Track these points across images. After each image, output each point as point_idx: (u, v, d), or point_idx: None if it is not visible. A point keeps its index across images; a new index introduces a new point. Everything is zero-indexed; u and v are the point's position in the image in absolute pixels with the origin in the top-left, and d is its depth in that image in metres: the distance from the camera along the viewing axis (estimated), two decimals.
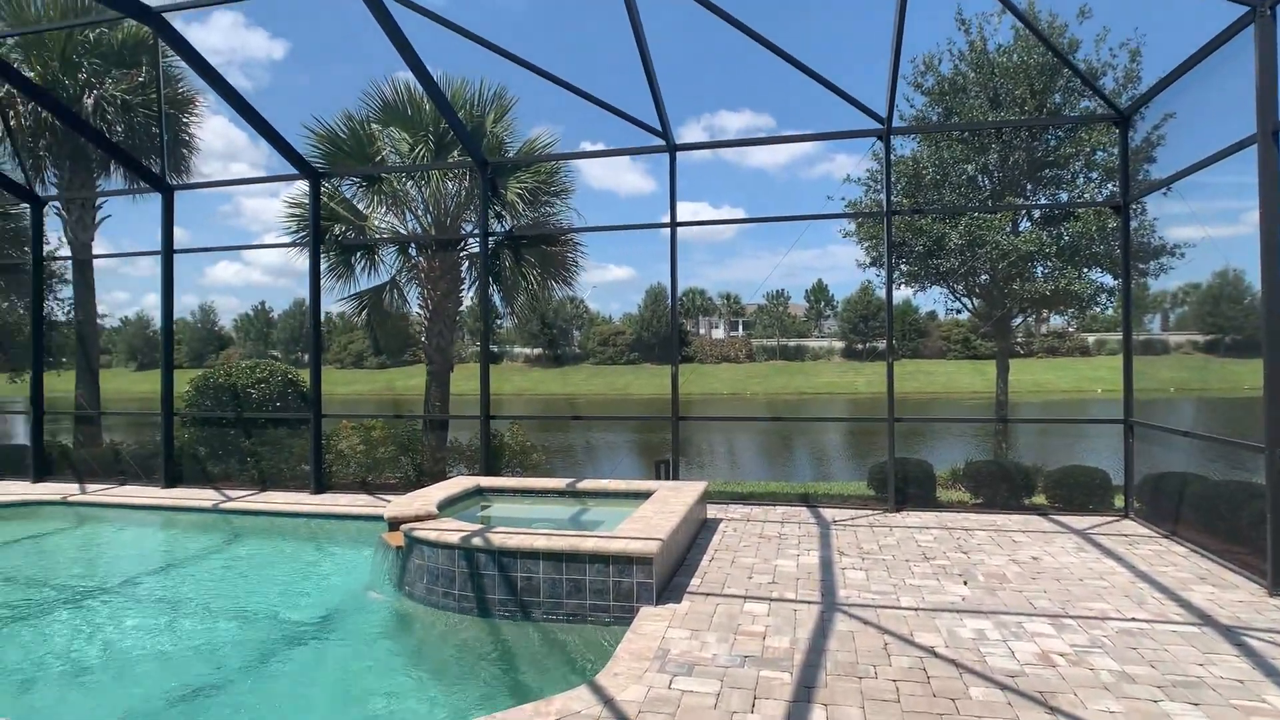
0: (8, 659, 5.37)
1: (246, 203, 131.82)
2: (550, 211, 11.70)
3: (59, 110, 10.12)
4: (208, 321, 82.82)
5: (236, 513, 8.94)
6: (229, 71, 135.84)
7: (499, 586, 5.59)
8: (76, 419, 13.03)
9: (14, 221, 12.69)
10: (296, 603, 6.51)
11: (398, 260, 12.03)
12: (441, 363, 11.96)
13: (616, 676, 4.05)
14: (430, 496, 7.24)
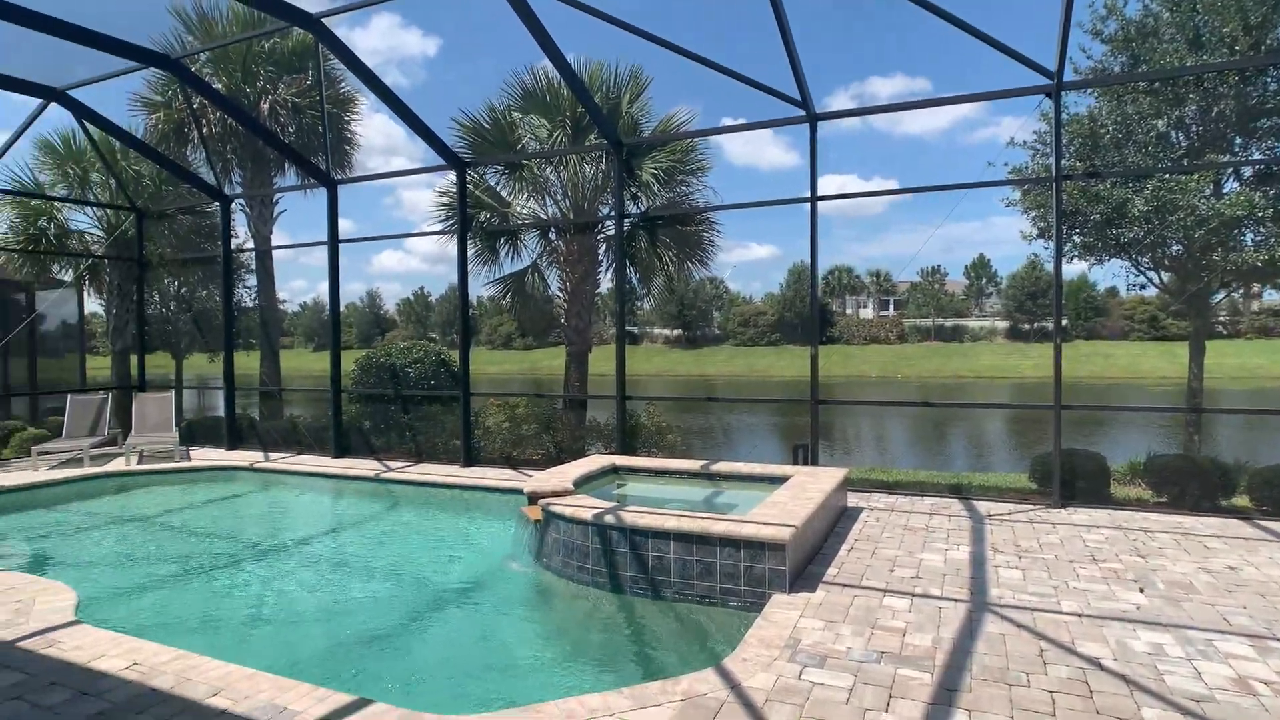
0: (205, 603, 6.01)
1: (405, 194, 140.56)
2: (686, 191, 11.61)
3: (241, 116, 11.14)
4: (374, 306, 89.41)
5: (395, 482, 9.55)
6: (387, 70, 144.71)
7: (631, 564, 5.63)
8: (261, 394, 14.42)
9: (208, 219, 14.13)
10: (446, 567, 6.88)
11: (538, 244, 12.38)
12: (580, 344, 12.21)
13: (745, 662, 3.96)
14: (567, 473, 7.41)
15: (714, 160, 11.36)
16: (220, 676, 3.87)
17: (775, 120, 8.57)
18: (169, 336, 15.18)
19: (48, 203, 13.47)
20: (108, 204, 13.73)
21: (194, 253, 14.19)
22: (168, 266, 14.16)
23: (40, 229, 13.59)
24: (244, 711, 3.50)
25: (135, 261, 13.20)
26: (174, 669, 3.95)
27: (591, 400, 12.04)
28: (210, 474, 10.52)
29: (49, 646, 4.28)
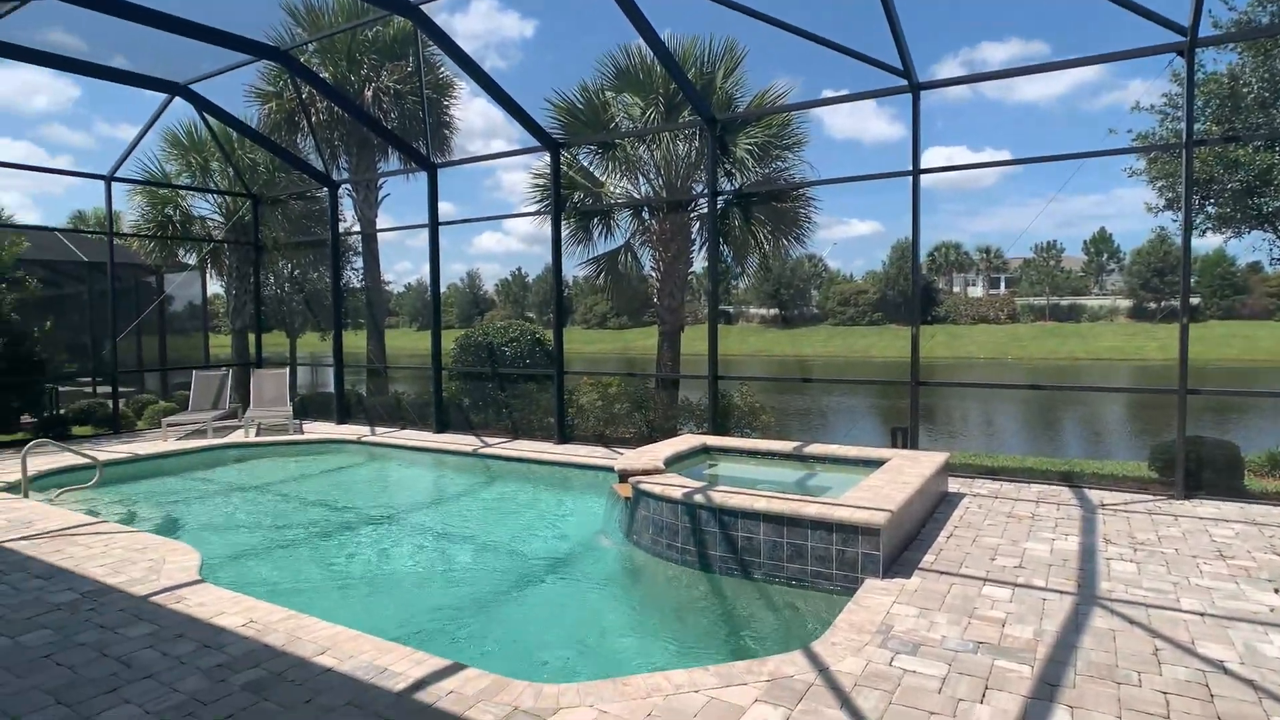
0: (315, 567, 6.38)
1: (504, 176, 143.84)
2: (781, 167, 11.35)
3: (346, 104, 11.62)
4: (473, 286, 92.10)
5: (492, 457, 9.84)
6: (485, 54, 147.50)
7: (720, 544, 5.60)
8: (368, 371, 15.11)
9: (317, 203, 14.86)
10: (539, 540, 7.05)
11: (631, 224, 12.39)
12: (672, 323, 12.20)
13: (834, 646, 3.88)
14: (658, 452, 7.43)
15: (813, 134, 11.05)
16: (328, 637, 4.09)
17: (875, 91, 8.24)
18: (284, 316, 16.12)
19: (173, 191, 14.47)
20: (226, 191, 14.63)
21: (305, 236, 14.95)
22: (281, 250, 15.00)
23: (167, 216, 14.63)
24: (348, 670, 3.69)
25: (252, 245, 14.04)
26: (285, 628, 4.21)
27: (684, 380, 12.03)
28: (321, 446, 11.12)
29: (177, 602, 4.63)
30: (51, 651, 3.95)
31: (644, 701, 3.33)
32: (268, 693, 3.47)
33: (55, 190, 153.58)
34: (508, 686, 3.51)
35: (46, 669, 3.75)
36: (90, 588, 4.90)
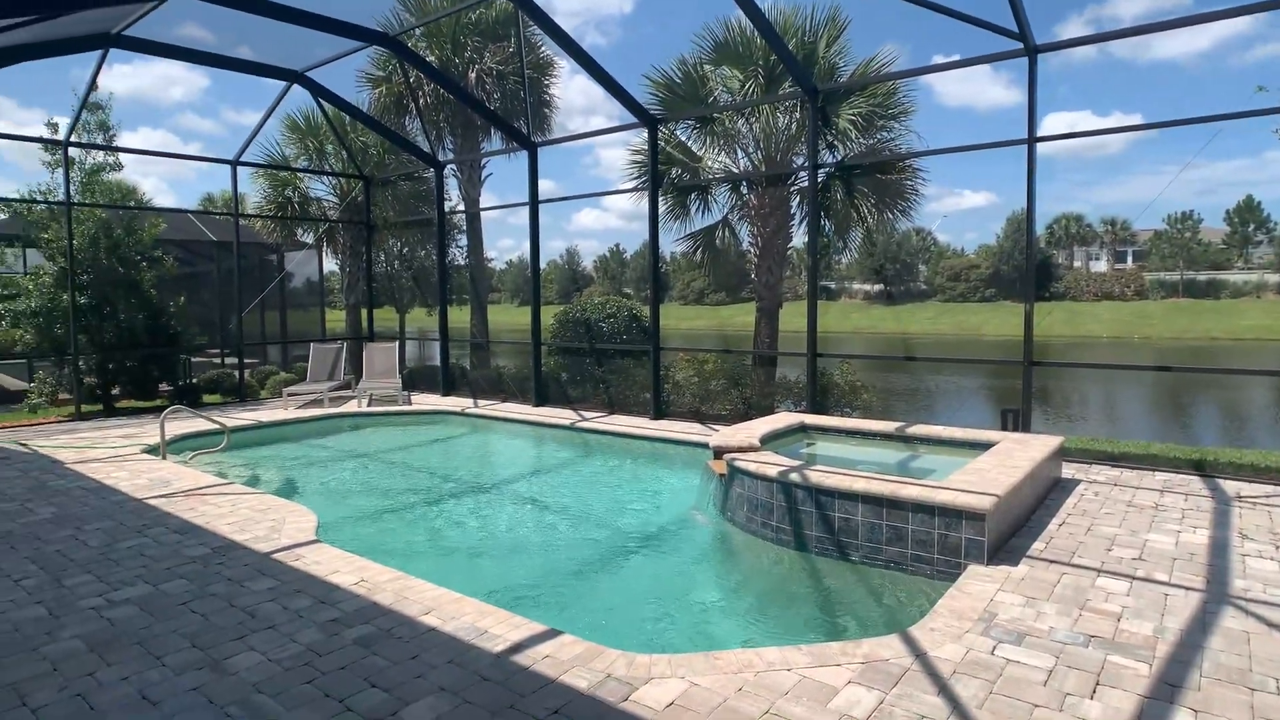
0: (420, 531, 6.69)
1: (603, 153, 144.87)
2: (886, 138, 10.91)
3: (451, 86, 11.93)
4: (572, 263, 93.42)
5: (589, 431, 10.01)
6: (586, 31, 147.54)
7: (816, 524, 5.51)
8: (472, 346, 15.63)
9: (424, 183, 15.36)
10: (633, 514, 7.14)
11: (729, 198, 12.24)
12: (770, 299, 12.01)
13: (933, 632, 3.76)
14: (754, 429, 7.36)
15: (922, 102, 10.54)
16: (432, 598, 4.28)
17: (986, 56, 7.78)
18: (393, 292, 16.85)
19: (292, 174, 15.29)
20: (340, 173, 15.34)
21: (413, 215, 15.53)
22: (391, 228, 15.64)
23: (286, 197, 15.50)
24: (450, 630, 3.85)
25: (364, 224, 14.70)
26: (393, 588, 4.43)
27: (782, 357, 11.85)
28: (428, 417, 11.59)
29: (295, 560, 4.95)
30: (187, 599, 4.30)
31: (735, 676, 3.33)
32: (376, 648, 3.67)
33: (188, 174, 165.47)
34: (601, 654, 3.58)
35: (183, 615, 4.09)
36: (219, 544, 5.30)
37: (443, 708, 3.12)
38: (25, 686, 3.36)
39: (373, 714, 3.08)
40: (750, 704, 3.10)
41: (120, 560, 4.96)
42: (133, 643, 3.76)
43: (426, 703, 3.16)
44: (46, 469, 7.70)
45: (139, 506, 6.27)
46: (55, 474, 7.48)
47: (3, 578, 4.68)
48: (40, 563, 4.94)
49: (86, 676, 3.43)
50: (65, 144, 10.81)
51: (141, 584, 4.54)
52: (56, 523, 5.82)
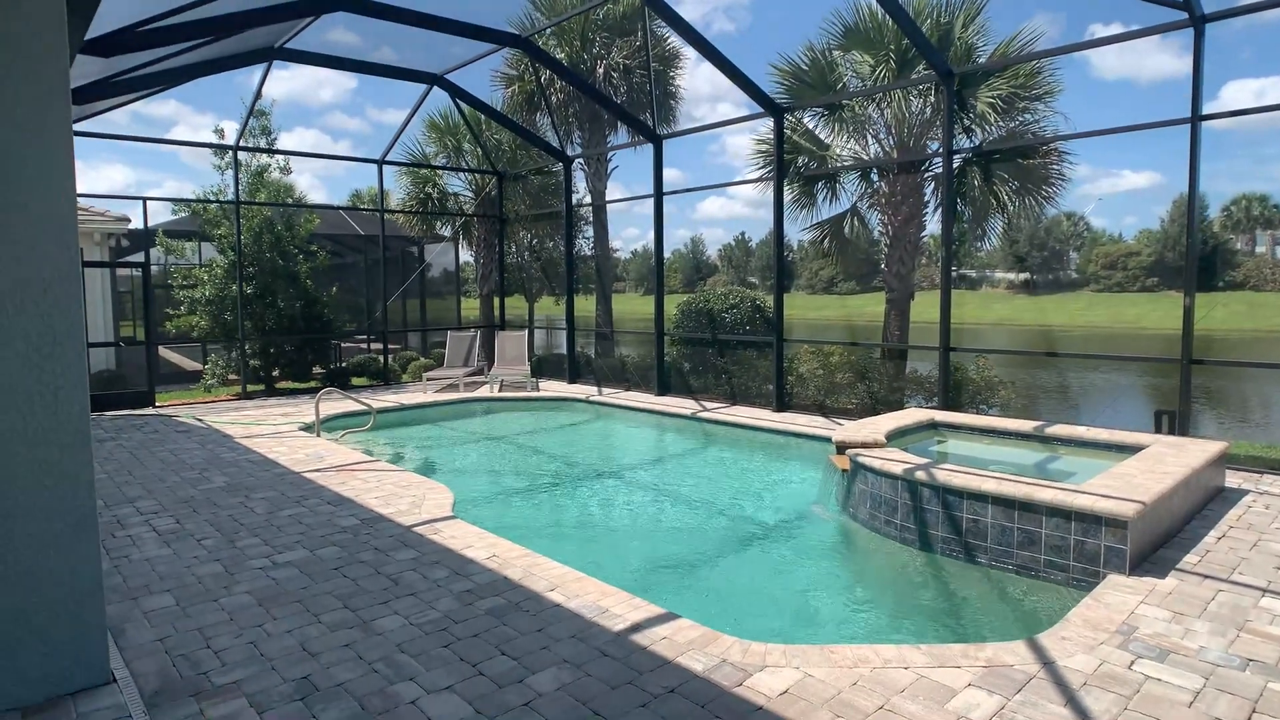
0: (546, 512, 7.00)
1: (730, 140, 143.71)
2: (1029, 120, 10.27)
3: (578, 83, 12.25)
4: (697, 252, 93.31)
5: (710, 422, 10.08)
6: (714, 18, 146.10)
7: (942, 523, 5.35)
8: (596, 335, 16.03)
9: (554, 177, 15.84)
10: (753, 505, 7.16)
11: (859, 186, 11.91)
12: (901, 290, 11.62)
13: (1063, 640, 3.60)
14: (879, 425, 7.20)
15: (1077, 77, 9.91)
16: (557, 576, 4.50)
17: (1142, 30, 7.18)
18: (524, 282, 17.52)
19: (431, 171, 16.16)
20: (475, 169, 16.07)
21: (542, 208, 16.06)
22: (522, 221, 16.26)
23: (427, 194, 16.40)
24: (574, 607, 4.04)
25: (496, 218, 15.35)
26: (521, 564, 4.68)
27: (913, 351, 11.45)
28: (554, 403, 12.02)
29: (434, 534, 5.31)
30: (339, 565, 4.72)
31: (850, 671, 3.32)
32: (505, 619, 3.91)
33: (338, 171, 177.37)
34: (717, 640, 3.66)
35: (335, 578, 4.50)
36: (367, 515, 5.76)
37: (565, 679, 3.30)
38: (209, 631, 3.82)
39: (501, 679, 3.30)
40: (864, 698, 3.09)
41: (282, 526, 5.50)
42: (294, 600, 4.18)
43: (550, 673, 3.35)
44: (219, 442, 8.59)
45: (297, 479, 6.89)
46: (226, 447, 8.33)
47: (188, 537, 5.29)
48: (217, 525, 5.55)
49: (257, 627, 3.85)
50: (234, 148, 11.94)
51: (300, 549, 5.02)
52: (228, 490, 6.50)
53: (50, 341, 3.14)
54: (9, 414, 3.06)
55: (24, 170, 3.06)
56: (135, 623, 3.93)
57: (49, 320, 3.13)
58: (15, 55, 3.01)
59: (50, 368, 3.15)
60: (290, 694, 3.21)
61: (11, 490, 3.08)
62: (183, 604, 4.15)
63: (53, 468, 3.16)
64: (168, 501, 6.19)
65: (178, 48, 7.47)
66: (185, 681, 3.33)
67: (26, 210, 3.07)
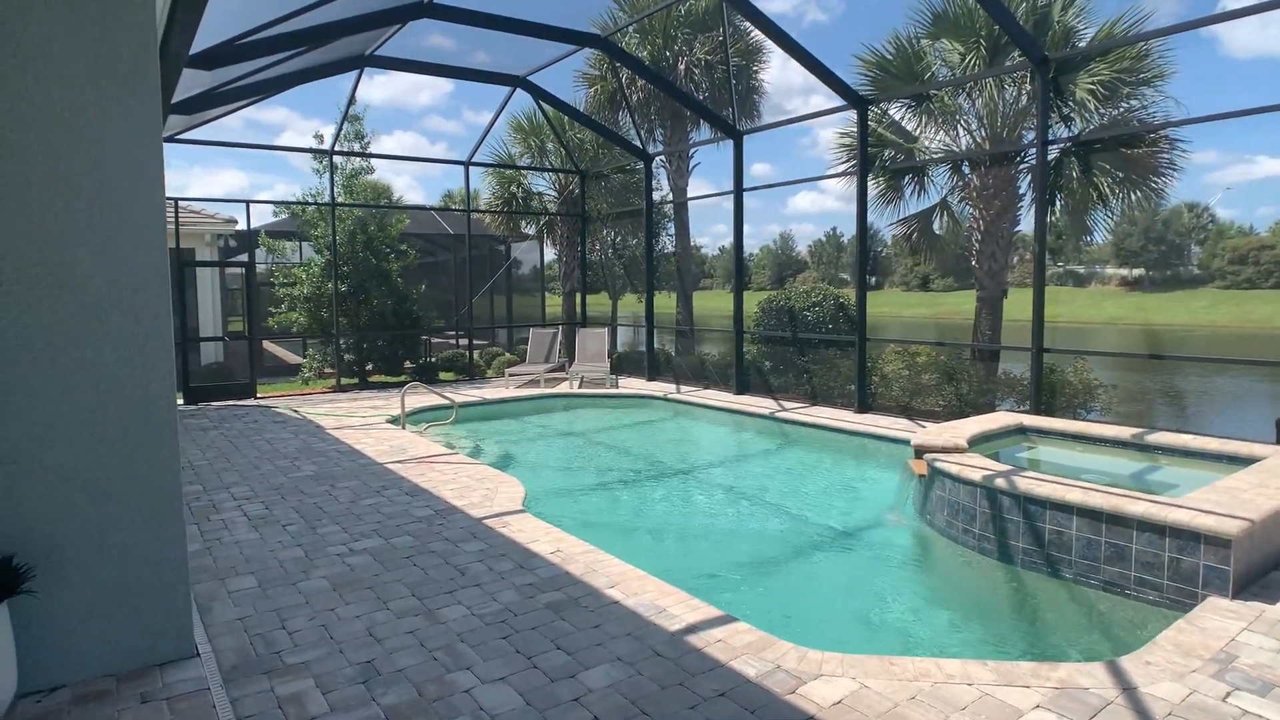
0: (615, 508, 7.04)
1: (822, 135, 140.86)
2: (1135, 106, 9.61)
3: (657, 80, 12.27)
4: (786, 248, 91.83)
5: (788, 422, 9.91)
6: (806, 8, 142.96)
7: (1023, 534, 5.09)
8: (676, 332, 16.02)
9: (635, 176, 15.92)
10: (827, 509, 6.99)
11: (949, 180, 11.45)
12: (993, 287, 11.10)
13: (1148, 665, 3.36)
14: (962, 429, 6.91)
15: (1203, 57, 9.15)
16: (618, 573, 4.52)
17: (1256, 6, 6.60)
18: (607, 279, 17.69)
19: (515, 171, 16.50)
20: (558, 169, 16.32)
21: (624, 206, 16.15)
22: (603, 219, 16.41)
23: (511, 193, 16.77)
24: (631, 605, 4.05)
25: (578, 216, 15.54)
26: (584, 560, 4.72)
27: (1005, 351, 10.93)
28: (632, 401, 12.07)
29: (503, 527, 5.42)
30: (411, 554, 4.88)
31: (909, 684, 3.20)
32: (564, 613, 3.95)
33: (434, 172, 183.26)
34: (773, 645, 3.59)
35: (406, 567, 4.65)
36: (442, 506, 5.93)
37: (617, 676, 3.30)
38: (285, 612, 4.01)
39: (554, 673, 3.33)
40: (921, 714, 2.97)
41: (362, 515, 5.73)
42: (365, 587, 4.35)
43: (603, 670, 3.36)
44: (312, 433, 9.03)
45: (380, 470, 7.17)
46: (318, 437, 8.74)
47: (274, 523, 5.58)
48: (302, 512, 5.83)
49: (329, 611, 4.03)
50: (330, 152, 12.51)
51: (376, 537, 5.22)
52: (316, 479, 6.83)
53: (141, 338, 3.36)
54: (106, 403, 3.30)
55: (118, 181, 3.28)
56: (221, 601, 4.17)
57: (140, 318, 3.35)
58: (109, 76, 3.23)
59: (141, 362, 3.37)
60: (354, 677, 3.34)
61: (106, 473, 3.31)
62: (264, 586, 4.38)
63: (143, 454, 3.39)
64: (260, 488, 6.54)
65: (274, 59, 7.89)
66: (260, 659, 3.51)
67: (120, 216, 3.30)
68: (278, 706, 3.11)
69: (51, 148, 3.14)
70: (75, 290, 3.21)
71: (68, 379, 3.22)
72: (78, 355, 3.23)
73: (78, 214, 3.20)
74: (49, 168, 3.14)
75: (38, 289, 3.14)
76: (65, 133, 3.16)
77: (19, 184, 3.09)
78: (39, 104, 3.11)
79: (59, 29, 3.12)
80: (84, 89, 3.18)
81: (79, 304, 3.22)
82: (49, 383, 3.18)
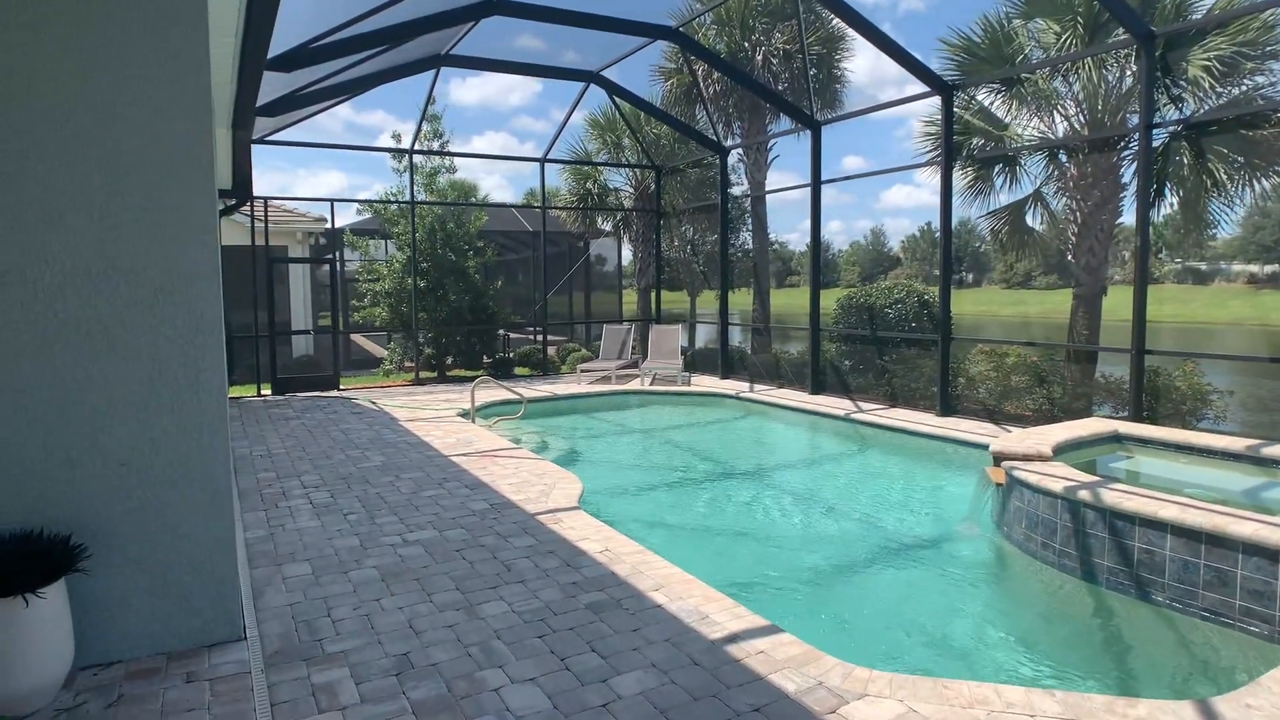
0: (674, 509, 6.90)
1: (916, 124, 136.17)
2: (1263, 83, 8.74)
3: (733, 72, 12.06)
4: (878, 243, 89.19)
5: (864, 423, 9.54)
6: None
7: (1109, 553, 4.68)
8: (752, 330, 15.69)
9: (712, 170, 15.66)
10: (898, 517, 6.66)
11: (1043, 169, 10.75)
12: (1091, 284, 10.37)
13: (1248, 709, 2.99)
14: (1048, 436, 6.45)
15: None
16: (664, 575, 4.39)
17: None
18: (685, 276, 17.54)
19: (592, 168, 16.53)
20: (634, 164, 16.25)
21: (699, 202, 15.93)
22: (679, 215, 16.25)
23: (588, 190, 16.81)
24: (674, 610, 3.91)
25: (654, 212, 15.43)
26: (631, 561, 4.61)
27: (1104, 353, 10.19)
28: (703, 399, 11.90)
29: (555, 523, 5.38)
30: (461, 548, 4.88)
31: (963, 711, 2.95)
32: (604, 615, 3.85)
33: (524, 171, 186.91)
34: (818, 660, 3.39)
35: (454, 560, 4.65)
36: (498, 501, 5.94)
37: (649, 683, 3.18)
38: (332, 600, 4.06)
39: (585, 676, 3.24)
40: None
41: (420, 507, 5.79)
42: (413, 578, 4.37)
43: (635, 676, 3.24)
44: (386, 424, 9.25)
45: (444, 462, 7.26)
46: (390, 429, 8.95)
47: (336, 511, 5.71)
48: (364, 502, 5.94)
49: (374, 601, 4.05)
50: (410, 151, 12.83)
51: (431, 529, 5.26)
52: (382, 470, 6.96)
53: (194, 329, 3.45)
54: (159, 391, 3.39)
55: (169, 176, 3.38)
56: (274, 587, 4.26)
57: (192, 309, 3.44)
58: (162, 76, 3.32)
59: (193, 352, 3.45)
60: (388, 669, 3.33)
61: (160, 460, 3.41)
62: (317, 573, 4.46)
63: (193, 441, 3.47)
64: (329, 477, 6.72)
65: (351, 60, 8.10)
66: (302, 645, 3.56)
67: (173, 211, 3.39)
68: (311, 694, 3.13)
69: (107, 146, 3.25)
70: (130, 281, 3.31)
71: (122, 367, 3.33)
72: (133, 344, 3.34)
73: (132, 209, 3.31)
74: (105, 165, 3.25)
75: (95, 280, 3.26)
76: (121, 129, 3.27)
77: (78, 180, 3.21)
78: (95, 103, 3.22)
79: (113, 28, 3.23)
80: (136, 87, 3.28)
81: (133, 294, 3.32)
82: (105, 370, 3.30)
